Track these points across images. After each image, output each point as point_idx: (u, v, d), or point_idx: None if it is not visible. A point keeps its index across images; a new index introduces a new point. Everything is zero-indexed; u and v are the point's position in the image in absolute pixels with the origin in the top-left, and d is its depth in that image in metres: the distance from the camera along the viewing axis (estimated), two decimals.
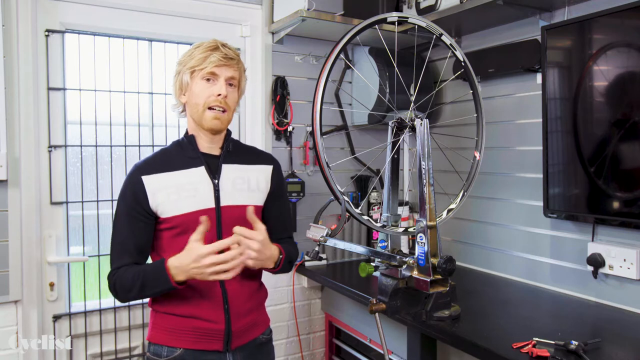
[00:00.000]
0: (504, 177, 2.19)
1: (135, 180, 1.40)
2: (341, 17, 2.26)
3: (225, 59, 1.41)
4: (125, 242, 1.39)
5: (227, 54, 1.42)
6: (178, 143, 1.49)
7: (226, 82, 1.42)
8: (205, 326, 1.40)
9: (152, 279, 1.32)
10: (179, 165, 1.43)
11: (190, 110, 1.45)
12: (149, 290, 1.34)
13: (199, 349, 1.40)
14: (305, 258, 2.45)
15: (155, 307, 1.45)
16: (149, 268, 1.35)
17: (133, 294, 1.35)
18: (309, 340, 2.56)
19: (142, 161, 1.46)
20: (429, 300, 1.53)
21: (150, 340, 1.45)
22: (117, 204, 1.43)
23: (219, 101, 1.40)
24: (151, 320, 1.47)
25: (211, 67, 1.39)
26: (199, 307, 1.40)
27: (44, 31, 1.97)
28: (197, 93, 1.41)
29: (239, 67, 1.46)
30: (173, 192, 1.39)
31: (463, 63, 1.80)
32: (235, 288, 1.43)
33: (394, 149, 1.69)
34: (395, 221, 1.73)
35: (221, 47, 1.42)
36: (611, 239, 1.78)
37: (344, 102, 2.60)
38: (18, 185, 1.89)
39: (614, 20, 1.66)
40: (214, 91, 1.40)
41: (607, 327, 1.61)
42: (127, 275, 1.34)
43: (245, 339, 1.46)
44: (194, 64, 1.40)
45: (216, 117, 1.41)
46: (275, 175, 1.56)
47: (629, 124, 1.63)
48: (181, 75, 1.43)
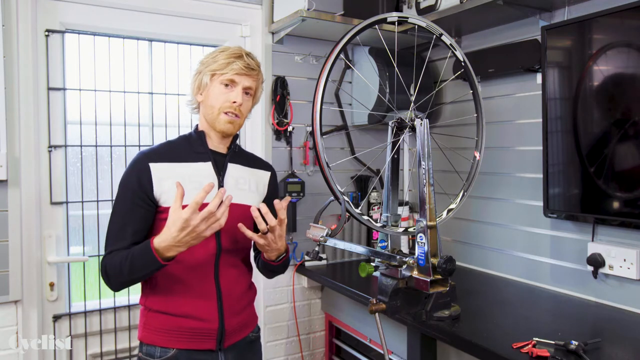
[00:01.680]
0: (504, 177, 2.19)
1: (142, 166, 1.40)
2: (341, 17, 2.26)
3: (247, 69, 1.44)
4: (123, 228, 1.38)
5: (249, 64, 1.44)
6: (185, 137, 1.51)
7: (243, 91, 1.45)
8: (199, 326, 1.40)
9: (140, 259, 1.30)
10: (186, 157, 1.45)
11: (205, 111, 1.47)
12: (138, 272, 1.32)
13: (192, 348, 1.41)
14: (305, 258, 2.45)
15: (148, 305, 1.44)
16: (136, 250, 1.33)
17: (124, 277, 1.33)
18: (309, 340, 2.56)
19: (149, 149, 1.47)
20: (429, 300, 1.53)
21: (142, 341, 1.44)
22: (119, 189, 1.42)
23: (234, 108, 1.44)
24: (142, 319, 1.46)
25: (232, 74, 1.42)
26: (193, 306, 1.40)
27: (44, 31, 1.97)
28: (214, 96, 1.44)
29: (258, 78, 1.49)
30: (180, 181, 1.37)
31: (463, 63, 1.80)
32: (228, 287, 1.45)
33: (394, 149, 1.69)
34: (395, 221, 1.73)
35: (245, 57, 1.44)
36: (611, 239, 1.78)
37: (344, 102, 2.60)
38: (18, 185, 1.89)
39: (614, 20, 1.66)
40: (230, 97, 1.43)
41: (607, 327, 1.61)
42: (116, 259, 1.34)
43: (237, 338, 1.48)
44: (216, 68, 1.42)
45: (230, 121, 1.45)
46: (272, 181, 1.63)
47: (628, 124, 1.63)
48: (201, 75, 1.46)
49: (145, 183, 1.39)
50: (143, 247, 1.31)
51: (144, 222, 1.40)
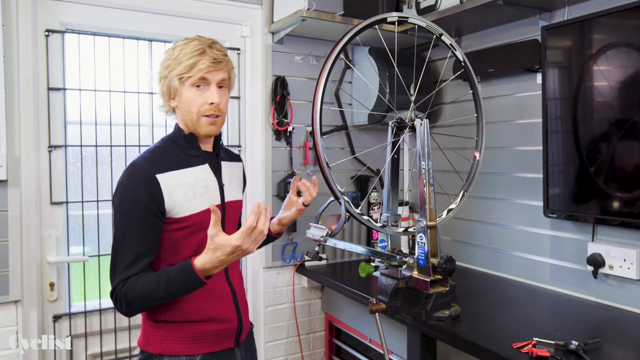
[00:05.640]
0: (504, 177, 2.19)
1: (149, 178, 1.30)
2: (341, 17, 2.26)
3: (215, 64, 1.33)
4: (136, 251, 1.27)
5: (215, 57, 1.33)
6: (173, 140, 1.41)
7: (217, 86, 1.36)
8: (222, 327, 1.40)
9: (179, 283, 1.22)
10: (185, 163, 1.37)
11: (183, 116, 1.38)
12: (173, 295, 1.26)
13: (216, 350, 1.39)
14: (305, 258, 2.45)
15: (166, 318, 1.35)
16: (171, 274, 1.23)
17: (152, 302, 1.27)
18: (309, 340, 2.56)
19: (144, 159, 1.35)
20: (429, 300, 1.53)
21: (163, 353, 1.35)
22: (123, 207, 1.30)
23: (213, 109, 1.35)
24: (159, 331, 1.37)
25: (201, 74, 1.32)
26: (214, 309, 1.38)
27: (44, 31, 1.97)
28: (189, 101, 1.34)
29: (228, 67, 1.38)
30: (189, 189, 1.35)
31: (463, 63, 1.80)
32: (238, 284, 1.47)
33: (394, 149, 1.69)
34: (395, 221, 1.73)
35: (208, 50, 1.33)
36: (611, 239, 1.78)
37: (344, 102, 2.60)
38: (18, 185, 1.89)
39: (614, 20, 1.66)
40: (207, 99, 1.34)
41: (607, 327, 1.61)
42: (143, 284, 1.24)
43: (246, 331, 1.50)
44: (182, 71, 1.32)
45: (211, 122, 1.37)
46: (244, 171, 1.65)
47: (628, 124, 1.63)
48: (168, 80, 1.35)
49: (157, 197, 1.29)
50: (182, 270, 1.22)
51: (156, 241, 1.32)
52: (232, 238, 1.18)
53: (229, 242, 1.18)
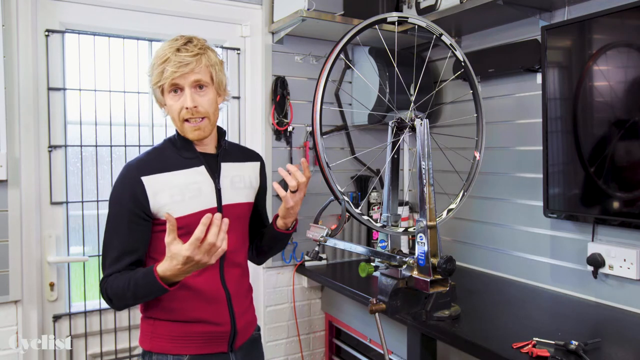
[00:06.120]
0: (504, 177, 2.19)
1: (134, 181, 1.32)
2: (341, 17, 2.26)
3: (182, 67, 1.29)
4: (120, 248, 1.31)
5: (181, 61, 1.29)
6: (172, 142, 1.42)
7: (193, 88, 1.32)
8: (212, 330, 1.38)
9: (144, 287, 1.25)
10: (178, 165, 1.38)
11: (173, 122, 1.40)
12: (143, 297, 1.30)
13: (205, 353, 1.38)
14: (305, 258, 2.45)
15: (154, 315, 1.38)
16: (139, 277, 1.26)
17: (127, 301, 1.30)
18: (309, 340, 2.56)
19: (137, 160, 1.38)
20: (429, 300, 1.53)
21: (152, 350, 1.38)
22: (111, 207, 1.35)
23: (191, 113, 1.33)
24: (148, 328, 1.40)
25: (170, 81, 1.30)
26: (204, 310, 1.37)
27: (44, 31, 1.97)
28: (169, 108, 1.36)
29: (201, 65, 1.32)
30: (177, 192, 1.34)
31: (463, 63, 1.80)
32: (235, 288, 1.44)
33: (394, 149, 1.68)
34: (395, 221, 1.73)
35: (173, 56, 1.29)
36: (611, 239, 1.78)
37: (344, 102, 2.60)
38: (18, 185, 1.89)
39: (614, 20, 1.66)
40: (183, 104, 1.32)
41: (607, 327, 1.61)
42: (117, 283, 1.28)
43: (244, 337, 1.47)
44: (155, 81, 1.32)
45: (195, 128, 1.35)
46: (262, 171, 1.60)
47: (628, 124, 1.63)
48: (153, 90, 1.37)
49: (141, 199, 1.31)
50: (146, 274, 1.24)
51: (143, 240, 1.34)
52: (182, 248, 1.16)
53: (180, 252, 1.17)
